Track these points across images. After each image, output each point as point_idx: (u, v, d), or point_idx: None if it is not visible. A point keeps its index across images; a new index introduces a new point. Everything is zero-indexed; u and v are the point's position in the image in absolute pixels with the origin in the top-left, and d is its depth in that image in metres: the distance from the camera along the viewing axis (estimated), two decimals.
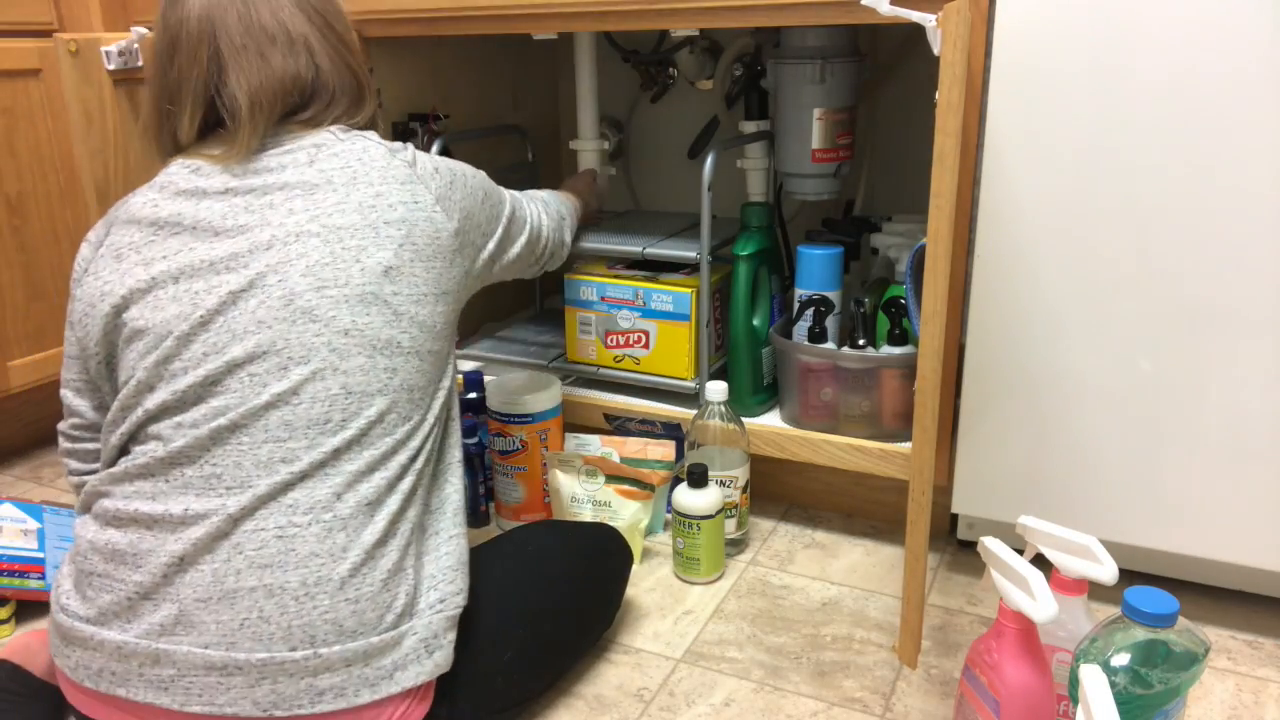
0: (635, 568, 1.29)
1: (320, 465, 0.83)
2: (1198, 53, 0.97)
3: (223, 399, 0.83)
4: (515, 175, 1.69)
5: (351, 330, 0.86)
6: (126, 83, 1.14)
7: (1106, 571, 0.85)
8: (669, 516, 1.30)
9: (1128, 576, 1.18)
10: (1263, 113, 0.96)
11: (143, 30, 1.12)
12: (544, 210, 1.22)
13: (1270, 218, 0.98)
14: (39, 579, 1.20)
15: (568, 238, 1.28)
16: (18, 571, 1.19)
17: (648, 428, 1.41)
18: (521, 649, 0.97)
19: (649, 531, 1.37)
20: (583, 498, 1.33)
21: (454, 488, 0.95)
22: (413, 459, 0.89)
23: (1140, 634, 0.80)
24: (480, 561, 1.03)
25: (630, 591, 1.23)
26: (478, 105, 1.69)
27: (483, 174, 1.06)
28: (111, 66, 1.11)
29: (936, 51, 0.91)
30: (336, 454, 0.84)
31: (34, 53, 1.52)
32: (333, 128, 0.94)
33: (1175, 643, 0.80)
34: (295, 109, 0.93)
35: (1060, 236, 1.07)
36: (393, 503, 0.86)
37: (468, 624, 0.92)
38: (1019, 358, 1.13)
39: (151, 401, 0.85)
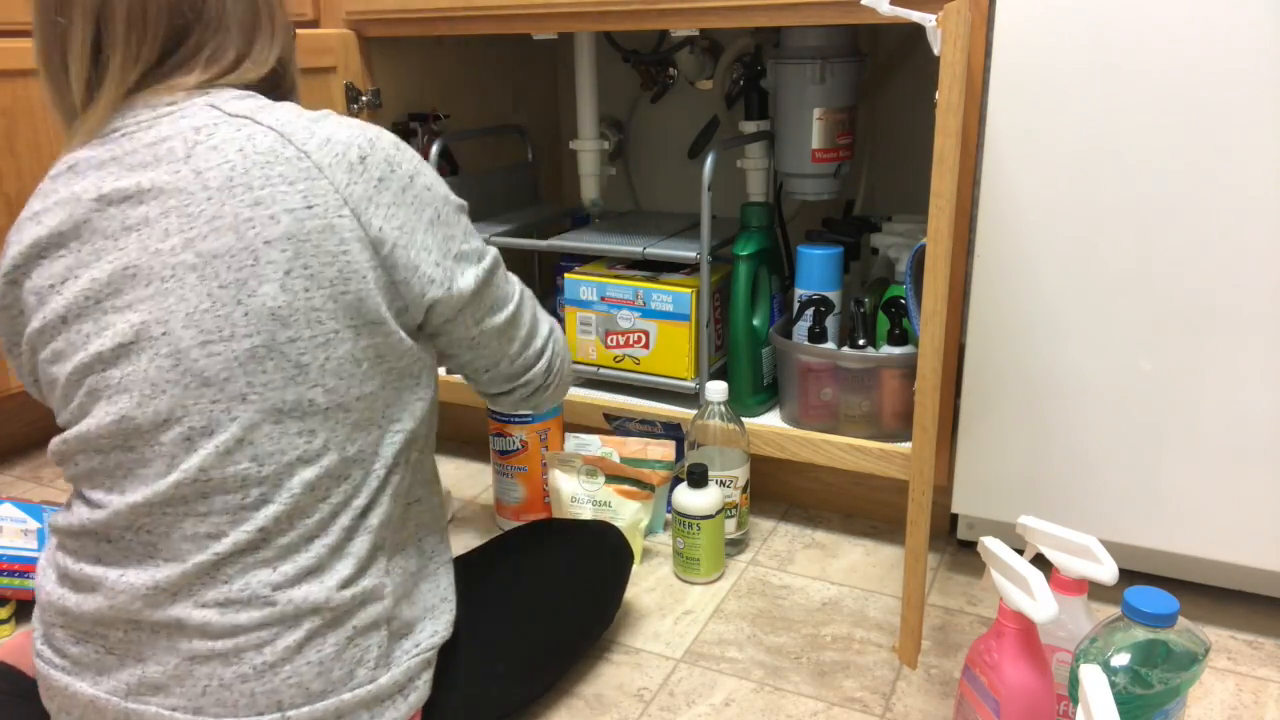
0: (635, 568, 1.29)
1: (251, 543, 0.75)
2: (1198, 52, 0.97)
3: (138, 470, 0.75)
4: (515, 175, 1.70)
5: (249, 395, 0.73)
6: None
7: (1106, 571, 0.85)
8: (669, 516, 1.30)
9: (1128, 576, 1.18)
10: (1263, 113, 0.96)
11: None
12: (555, 331, 0.97)
13: (1271, 218, 0.98)
14: None
15: (567, 379, 1.01)
16: (18, 571, 1.19)
17: (648, 428, 1.41)
18: (518, 656, 0.97)
19: (649, 531, 1.37)
20: (583, 498, 1.33)
21: (427, 523, 0.88)
22: (361, 516, 0.79)
23: (1140, 634, 0.80)
24: (478, 565, 1.03)
25: (630, 591, 1.23)
26: (478, 105, 1.69)
27: (462, 204, 0.86)
28: None
29: (936, 51, 0.91)
30: (265, 532, 0.75)
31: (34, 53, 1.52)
32: (219, 97, 0.77)
33: (1175, 643, 0.80)
34: (174, 43, 0.77)
35: (1060, 236, 1.07)
36: (343, 567, 0.78)
37: (460, 634, 0.90)
38: (1019, 358, 1.13)
39: (80, 462, 0.77)
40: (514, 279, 0.91)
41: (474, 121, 1.67)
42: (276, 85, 0.84)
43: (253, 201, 0.72)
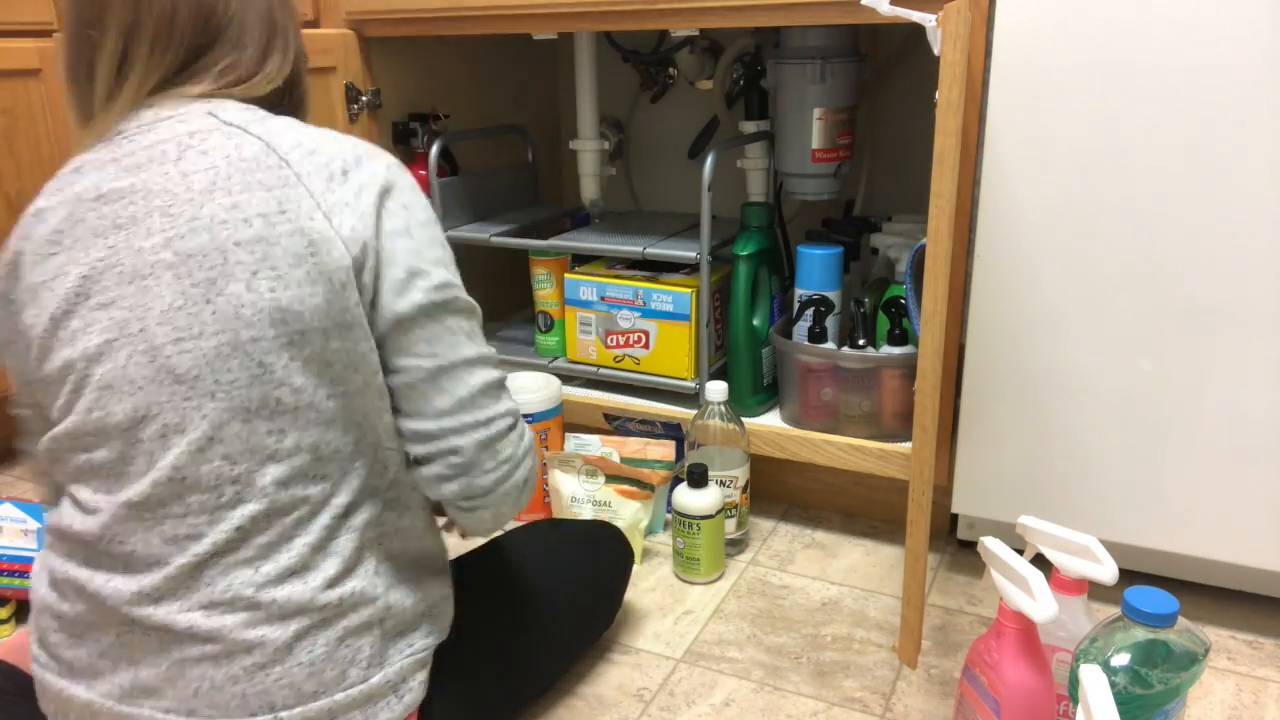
0: (635, 568, 1.29)
1: (230, 543, 0.75)
2: (1198, 52, 0.97)
3: (123, 468, 0.75)
4: (515, 175, 1.70)
5: (217, 393, 0.74)
6: None
7: (1106, 571, 0.85)
8: (669, 516, 1.30)
9: (1128, 576, 1.18)
10: (1263, 112, 0.96)
11: None
12: (525, 433, 0.88)
13: (1270, 217, 0.98)
14: None
15: (527, 490, 0.88)
16: (18, 571, 1.19)
17: (648, 428, 1.41)
18: (517, 656, 0.97)
19: (649, 531, 1.37)
20: (583, 498, 1.33)
21: (421, 525, 0.87)
22: (343, 516, 0.79)
23: (1140, 634, 0.80)
24: (478, 564, 1.03)
25: (630, 591, 1.23)
26: (478, 105, 1.69)
27: (445, 244, 0.83)
28: None
29: (936, 51, 0.91)
30: (243, 531, 0.75)
31: (34, 53, 1.52)
32: (219, 106, 0.79)
33: (1175, 643, 0.80)
34: (193, 57, 0.80)
35: (1060, 236, 1.07)
36: (328, 566, 0.78)
37: (459, 634, 0.90)
38: (1019, 358, 1.13)
39: (69, 460, 0.78)
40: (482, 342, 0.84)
41: (474, 121, 1.67)
42: (282, 100, 0.85)
43: (230, 205, 0.74)
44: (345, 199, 0.75)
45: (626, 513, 1.30)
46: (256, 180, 0.75)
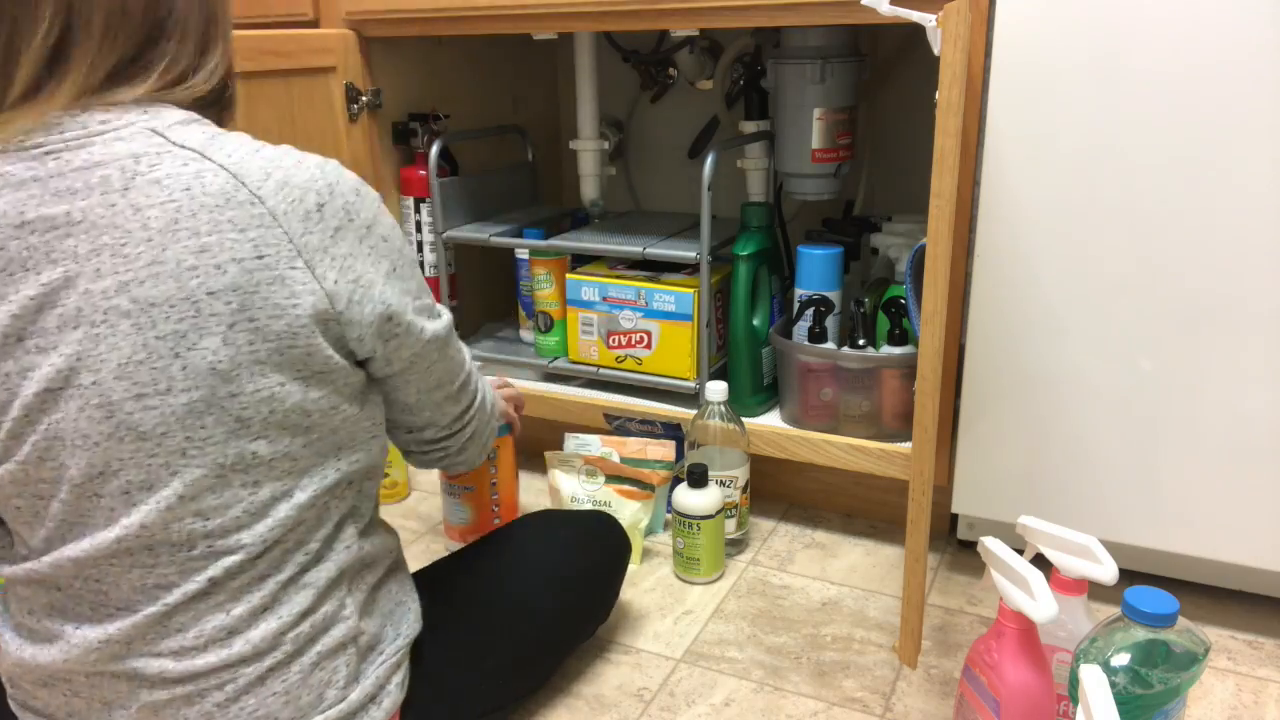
0: (635, 568, 1.29)
1: (201, 592, 0.72)
2: (1198, 52, 0.97)
3: (79, 521, 0.71)
4: (515, 176, 1.70)
5: (189, 450, 0.69)
6: None
7: (1106, 571, 0.85)
8: (669, 516, 1.30)
9: (1128, 576, 1.18)
10: (1263, 112, 0.96)
11: None
12: (482, 383, 0.94)
13: (1270, 217, 0.98)
14: None
15: (489, 440, 0.97)
16: None
17: (648, 428, 1.41)
18: (506, 652, 0.96)
19: (649, 531, 1.37)
20: (583, 498, 1.33)
21: (377, 534, 0.85)
22: (317, 558, 0.77)
23: (1140, 634, 0.80)
24: (462, 562, 1.02)
25: (630, 591, 1.23)
26: (478, 105, 1.69)
27: (416, 258, 0.83)
28: None
29: (936, 51, 0.92)
30: (214, 582, 0.72)
31: None
32: (159, 119, 0.70)
33: (1175, 643, 0.80)
34: (142, 48, 0.71)
35: (1060, 236, 1.07)
36: (301, 599, 0.75)
37: (444, 630, 0.89)
38: (1019, 358, 1.13)
39: (16, 504, 0.72)
40: (463, 346, 0.88)
41: (474, 121, 1.67)
42: (217, 100, 0.77)
43: (198, 248, 0.67)
44: (323, 242, 0.71)
45: (626, 513, 1.30)
46: (226, 219, 0.67)
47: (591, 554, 1.09)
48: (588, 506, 1.32)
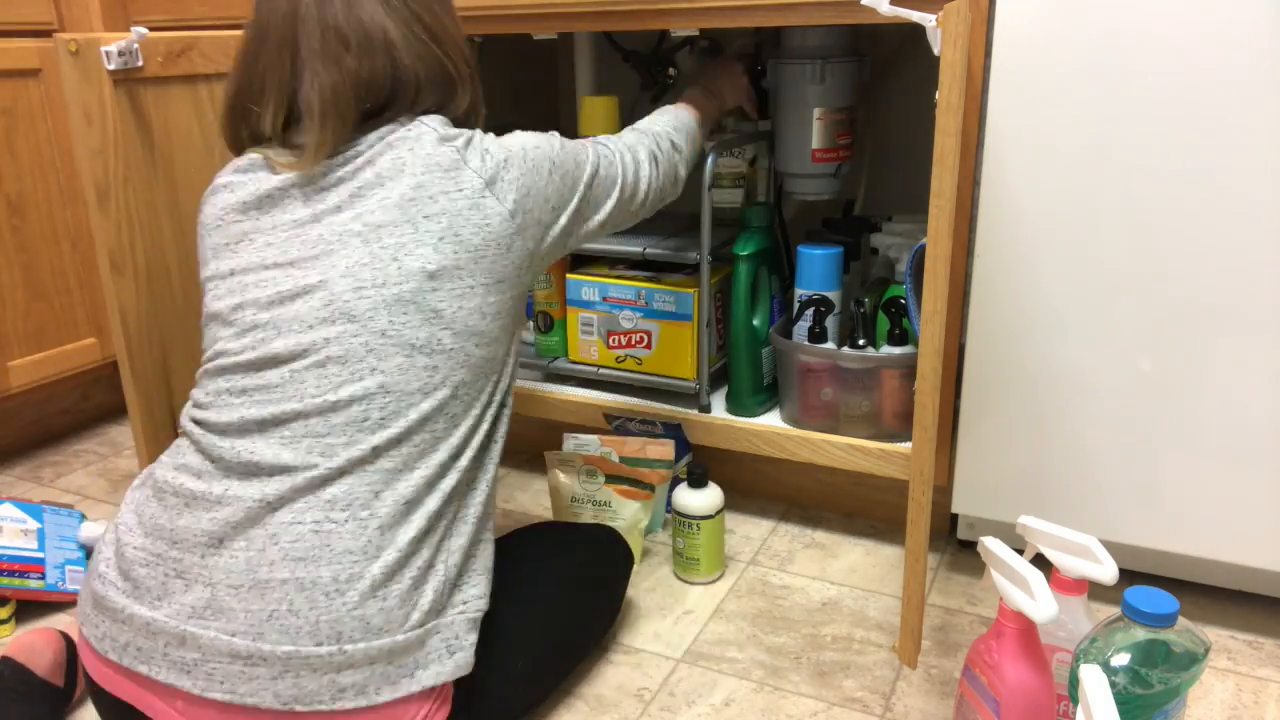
0: (635, 568, 1.29)
1: (359, 462, 0.83)
2: (1198, 52, 0.97)
3: (263, 393, 0.85)
4: None
5: (389, 330, 0.85)
6: (126, 83, 1.14)
7: (1106, 571, 0.85)
8: (669, 516, 1.30)
9: (1128, 576, 1.18)
10: (1262, 113, 0.96)
11: (143, 30, 1.12)
12: (643, 156, 1.10)
13: (1270, 217, 0.98)
14: (39, 579, 1.20)
15: (682, 171, 1.17)
16: (18, 571, 1.19)
17: (648, 428, 1.41)
18: (535, 655, 0.97)
19: (649, 531, 1.37)
20: (582, 497, 1.33)
21: (488, 486, 0.94)
22: (455, 456, 0.89)
23: (1140, 634, 0.80)
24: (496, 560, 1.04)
25: (630, 591, 1.23)
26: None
27: (554, 140, 0.99)
28: (112, 66, 1.11)
29: (936, 51, 0.91)
30: (376, 451, 0.84)
31: (34, 53, 1.52)
32: (412, 120, 0.92)
33: (1175, 643, 0.80)
34: (372, 112, 0.91)
35: (1060, 236, 1.07)
36: (431, 502, 0.86)
37: (485, 631, 0.91)
38: (1019, 358, 1.13)
39: (209, 384, 0.88)
40: (591, 160, 1.03)
41: None
42: (466, 120, 0.97)
43: (415, 185, 0.88)
44: (495, 174, 0.91)
45: (626, 513, 1.30)
46: (434, 164, 0.89)
47: (603, 563, 1.11)
48: (588, 506, 1.32)
